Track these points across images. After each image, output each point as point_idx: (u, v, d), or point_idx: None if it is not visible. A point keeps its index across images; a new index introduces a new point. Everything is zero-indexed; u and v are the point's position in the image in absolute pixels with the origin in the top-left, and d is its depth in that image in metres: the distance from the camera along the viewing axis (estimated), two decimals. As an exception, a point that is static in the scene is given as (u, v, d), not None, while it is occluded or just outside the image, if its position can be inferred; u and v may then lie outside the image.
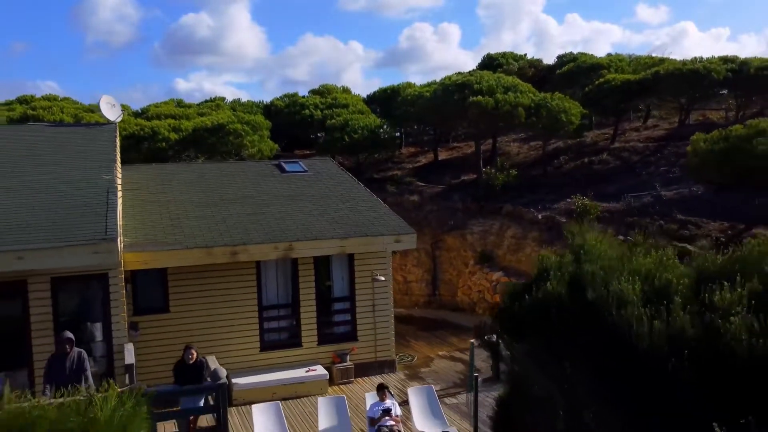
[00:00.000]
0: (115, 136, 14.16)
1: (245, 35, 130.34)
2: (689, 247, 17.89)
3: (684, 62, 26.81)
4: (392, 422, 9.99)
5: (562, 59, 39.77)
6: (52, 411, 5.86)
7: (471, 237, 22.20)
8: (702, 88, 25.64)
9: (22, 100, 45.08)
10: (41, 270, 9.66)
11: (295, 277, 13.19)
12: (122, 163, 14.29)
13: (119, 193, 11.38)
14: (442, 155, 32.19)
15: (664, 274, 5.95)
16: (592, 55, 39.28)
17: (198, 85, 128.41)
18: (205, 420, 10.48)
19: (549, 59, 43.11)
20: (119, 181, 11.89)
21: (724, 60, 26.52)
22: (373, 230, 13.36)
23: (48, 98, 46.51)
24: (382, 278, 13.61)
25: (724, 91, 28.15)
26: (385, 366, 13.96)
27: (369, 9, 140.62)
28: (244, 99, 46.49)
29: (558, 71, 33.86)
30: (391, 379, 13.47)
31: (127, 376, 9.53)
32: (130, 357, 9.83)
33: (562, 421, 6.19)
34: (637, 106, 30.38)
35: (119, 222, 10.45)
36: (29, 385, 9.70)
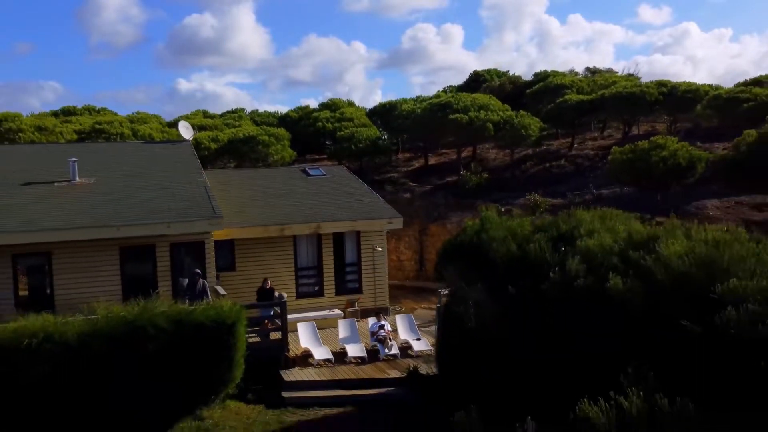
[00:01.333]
0: (193, 150, 20.04)
1: (249, 36, 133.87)
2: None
3: (626, 86, 32.67)
4: (384, 333, 15.84)
5: (537, 76, 45.72)
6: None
7: (450, 226, 28.01)
8: (639, 107, 31.54)
9: (68, 111, 51.06)
10: (167, 236, 15.48)
11: (319, 248, 19.00)
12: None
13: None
14: (432, 160, 38.03)
15: (518, 228, 11.79)
16: (564, 73, 45.29)
17: (200, 85, 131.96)
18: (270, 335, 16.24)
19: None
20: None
21: (660, 84, 32.40)
22: (373, 215, 19.20)
23: (89, 109, 52.65)
24: (380, 249, 19.43)
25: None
26: (381, 311, 19.73)
27: (372, 10, 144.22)
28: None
29: (528, 90, 39.73)
30: (386, 320, 19.30)
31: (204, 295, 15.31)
32: (222, 291, 15.65)
33: (472, 318, 11.91)
34: (591, 121, 36.21)
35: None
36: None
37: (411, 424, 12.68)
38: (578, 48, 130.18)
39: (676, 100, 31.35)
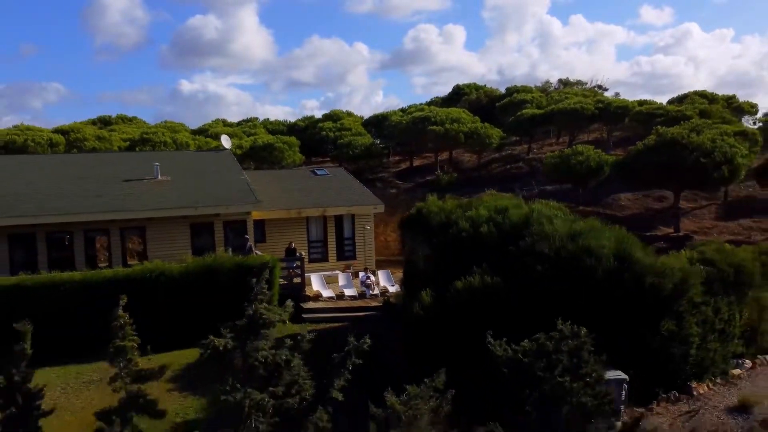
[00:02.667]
0: (233, 156, 27.37)
1: (252, 37, 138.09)
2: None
3: (570, 103, 39.95)
4: (370, 281, 23.17)
5: (508, 90, 53.09)
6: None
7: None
8: (579, 121, 38.87)
9: (105, 120, 58.16)
10: (223, 215, 22.80)
11: (325, 226, 26.27)
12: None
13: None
14: (417, 162, 45.31)
15: (446, 205, 19.12)
16: (531, 88, 52.68)
17: (202, 86, 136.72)
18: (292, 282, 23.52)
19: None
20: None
21: (598, 100, 39.71)
22: (363, 202, 26.49)
23: (122, 117, 59.78)
24: (368, 228, 26.71)
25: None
26: (370, 272, 27.04)
27: (375, 11, 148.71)
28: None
29: (498, 104, 47.05)
30: (381, 274, 26.60)
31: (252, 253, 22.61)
32: (259, 253, 22.96)
33: (420, 261, 19.16)
34: (548, 130, 43.51)
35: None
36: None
37: (382, 329, 19.98)
38: (580, 48, 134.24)
39: (610, 114, 38.64)
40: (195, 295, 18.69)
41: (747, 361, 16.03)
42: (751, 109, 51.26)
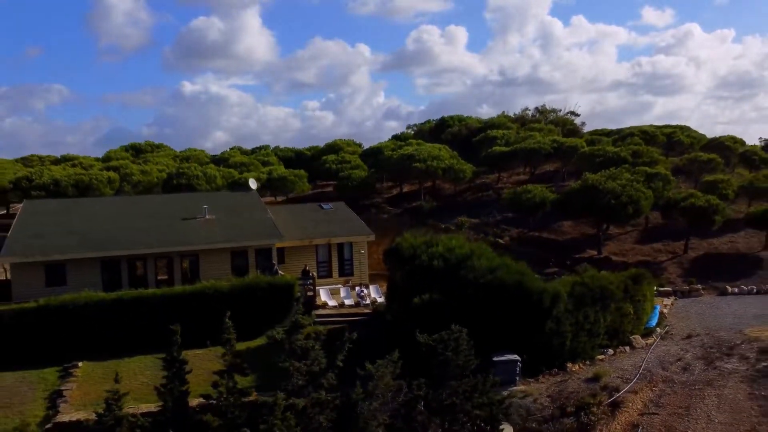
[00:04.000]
0: (259, 196, 35.18)
1: (255, 39, 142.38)
2: (500, 241, 38.87)
3: (530, 142, 47.67)
4: (364, 294, 30.98)
5: (487, 123, 60.92)
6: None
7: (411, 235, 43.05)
8: (537, 157, 46.68)
9: (136, 148, 65.60)
10: (254, 246, 30.60)
11: (329, 251, 34.03)
12: (260, 206, 35.18)
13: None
14: (406, 188, 53.01)
15: (414, 241, 26.94)
16: (509, 119, 60.24)
17: (204, 87, 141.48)
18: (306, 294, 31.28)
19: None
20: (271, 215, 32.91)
21: (553, 140, 47.46)
22: (359, 232, 34.27)
23: (150, 144, 67.31)
24: (363, 252, 34.50)
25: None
26: (362, 283, 34.84)
27: (378, 13, 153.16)
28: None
29: (474, 138, 54.82)
30: (372, 288, 34.36)
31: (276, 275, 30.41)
32: (281, 273, 30.76)
33: (398, 281, 26.92)
34: (510, 164, 51.07)
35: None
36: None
37: (371, 329, 27.74)
38: (581, 49, 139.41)
39: (562, 152, 46.42)
40: (239, 305, 26.46)
41: (610, 350, 23.84)
42: (693, 139, 59.08)
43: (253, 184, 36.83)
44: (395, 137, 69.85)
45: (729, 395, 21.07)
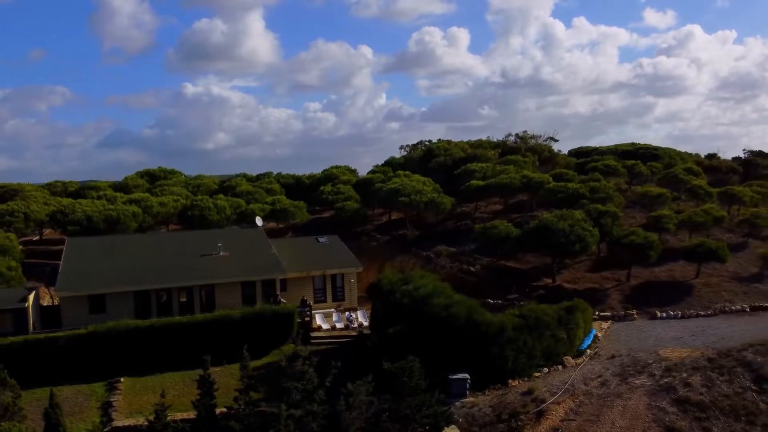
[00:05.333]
0: (264, 233, 40.97)
1: (258, 41, 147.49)
2: (471, 269, 44.65)
3: (503, 177, 53.43)
4: (352, 318, 36.76)
5: (469, 155, 66.70)
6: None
7: (396, 262, 48.85)
8: (509, 191, 52.51)
9: (151, 174, 71.22)
10: (261, 279, 36.37)
11: (324, 280, 39.76)
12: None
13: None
14: (395, 216, 58.82)
15: (392, 277, 32.73)
16: (488, 150, 65.96)
17: (206, 89, 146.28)
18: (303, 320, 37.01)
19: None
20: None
21: (523, 176, 53.26)
22: (349, 265, 40.01)
23: (163, 170, 73.04)
24: (353, 281, 40.27)
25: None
26: (351, 309, 40.59)
27: (381, 16, 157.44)
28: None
29: (455, 171, 60.60)
30: (359, 312, 40.12)
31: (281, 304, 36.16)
32: (284, 300, 36.52)
33: (379, 311, 32.67)
34: (486, 196, 56.78)
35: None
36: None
37: (356, 350, 33.47)
38: (583, 51, 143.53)
39: (531, 187, 52.24)
40: (249, 329, 32.23)
41: (546, 369, 29.61)
42: (654, 169, 64.84)
43: (259, 221, 42.67)
44: (387, 163, 75.90)
45: (632, 405, 26.85)
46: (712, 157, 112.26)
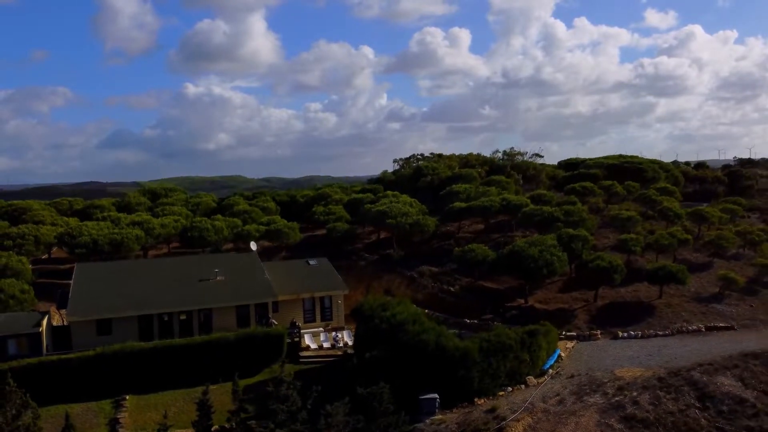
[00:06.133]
0: (258, 258, 44.05)
1: (260, 41, 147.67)
2: (451, 289, 47.72)
3: (483, 200, 56.46)
4: (339, 338, 39.82)
5: (454, 173, 69.80)
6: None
7: (382, 281, 51.86)
8: (490, 213, 55.59)
9: (153, 192, 74.15)
10: (254, 303, 39.43)
11: (314, 302, 42.81)
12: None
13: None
14: (383, 234, 61.85)
15: (373, 302, 35.81)
16: (473, 171, 68.98)
17: (207, 89, 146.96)
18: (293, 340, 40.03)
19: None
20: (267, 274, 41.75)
21: (502, 199, 56.34)
22: (337, 287, 43.09)
23: (164, 187, 75.93)
24: (340, 302, 43.33)
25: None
26: (338, 328, 43.63)
27: (383, 16, 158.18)
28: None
29: (441, 192, 63.66)
30: (344, 332, 43.16)
31: (273, 326, 39.21)
32: (275, 322, 39.58)
33: (362, 334, 35.74)
34: (469, 216, 59.82)
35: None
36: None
37: (340, 369, 36.50)
38: (584, 51, 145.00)
39: (510, 209, 55.33)
40: (242, 350, 35.30)
41: (509, 388, 32.68)
42: (631, 188, 67.87)
43: (253, 246, 45.74)
44: (379, 180, 78.97)
45: (584, 422, 29.90)
46: (700, 166, 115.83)
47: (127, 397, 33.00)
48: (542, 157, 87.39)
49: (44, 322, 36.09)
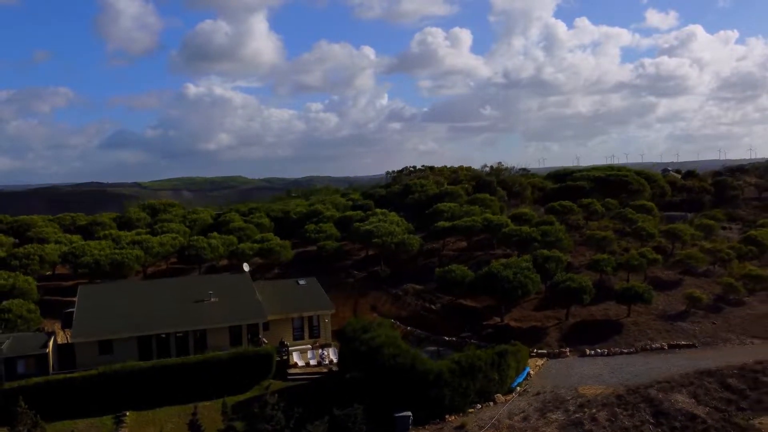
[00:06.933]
0: (250, 278, 46.74)
1: (262, 42, 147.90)
2: (432, 307, 50.44)
3: (466, 219, 59.18)
4: (324, 355, 42.51)
5: (442, 190, 72.52)
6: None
7: (369, 298, 54.52)
8: (472, 232, 58.30)
9: (152, 207, 76.84)
10: (246, 323, 42.11)
11: (302, 320, 45.50)
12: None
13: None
14: (372, 252, 64.53)
15: (356, 324, 38.51)
16: (458, 190, 71.71)
17: (208, 90, 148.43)
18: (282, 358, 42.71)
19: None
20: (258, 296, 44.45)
21: (484, 219, 59.05)
22: (324, 307, 45.77)
23: (165, 203, 78.57)
24: (327, 320, 45.99)
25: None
26: (325, 345, 46.29)
27: (384, 17, 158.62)
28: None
29: (427, 211, 66.39)
30: (330, 350, 45.82)
31: (263, 345, 41.88)
32: (266, 341, 42.26)
33: (346, 354, 38.45)
34: (453, 234, 62.54)
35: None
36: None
37: (324, 386, 39.15)
38: (585, 51, 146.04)
39: (491, 228, 58.07)
40: (235, 367, 37.96)
41: (479, 405, 35.37)
42: (610, 205, 70.61)
43: (246, 267, 48.46)
44: (370, 195, 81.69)
45: (544, 438, 32.62)
46: (689, 175, 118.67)
47: (128, 413, 35.62)
48: (528, 171, 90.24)
49: (50, 343, 38.72)
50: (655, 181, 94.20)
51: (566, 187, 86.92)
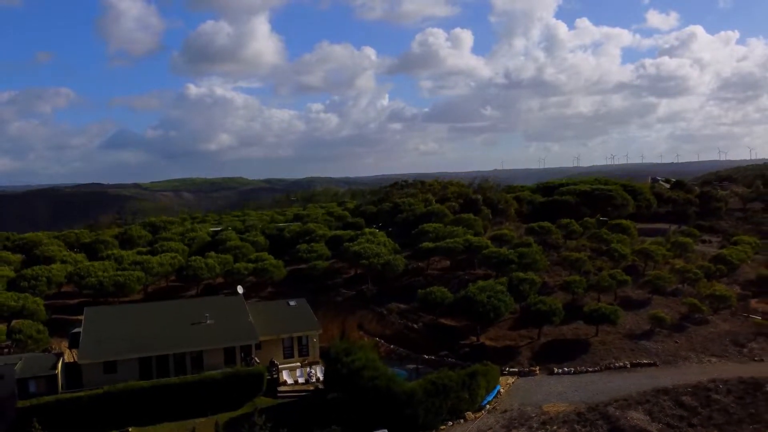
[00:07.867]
0: (243, 300, 50.06)
1: (264, 43, 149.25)
2: (414, 326, 53.79)
3: (449, 241, 62.50)
4: (312, 373, 45.81)
5: (428, 209, 75.89)
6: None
7: (356, 317, 57.83)
8: (456, 252, 61.63)
9: (152, 224, 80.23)
10: (239, 345, 45.42)
11: (292, 340, 48.78)
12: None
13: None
14: (360, 269, 67.82)
15: (339, 345, 41.85)
16: (447, 209, 74.99)
17: (209, 90, 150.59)
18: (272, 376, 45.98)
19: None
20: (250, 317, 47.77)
21: (465, 240, 62.39)
22: (312, 328, 49.07)
23: (164, 220, 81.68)
24: (315, 340, 49.29)
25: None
26: (314, 363, 49.57)
27: (385, 18, 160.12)
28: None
29: (413, 231, 69.75)
30: (317, 367, 49.10)
31: (255, 364, 45.16)
32: (258, 360, 45.56)
33: (329, 373, 41.76)
34: (436, 254, 65.89)
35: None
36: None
37: (311, 403, 42.41)
38: (585, 52, 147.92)
39: (473, 249, 61.44)
40: (228, 386, 41.25)
41: (450, 422, 38.68)
42: (588, 224, 73.94)
43: (240, 289, 51.79)
44: (361, 213, 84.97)
45: (508, 453, 35.92)
46: (677, 185, 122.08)
47: (130, 429, 38.86)
48: (517, 186, 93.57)
49: (59, 364, 41.99)
50: (642, 194, 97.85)
51: (552, 201, 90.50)
